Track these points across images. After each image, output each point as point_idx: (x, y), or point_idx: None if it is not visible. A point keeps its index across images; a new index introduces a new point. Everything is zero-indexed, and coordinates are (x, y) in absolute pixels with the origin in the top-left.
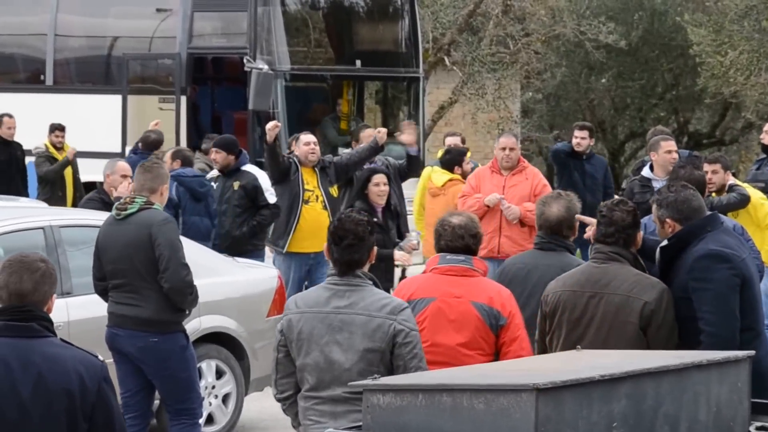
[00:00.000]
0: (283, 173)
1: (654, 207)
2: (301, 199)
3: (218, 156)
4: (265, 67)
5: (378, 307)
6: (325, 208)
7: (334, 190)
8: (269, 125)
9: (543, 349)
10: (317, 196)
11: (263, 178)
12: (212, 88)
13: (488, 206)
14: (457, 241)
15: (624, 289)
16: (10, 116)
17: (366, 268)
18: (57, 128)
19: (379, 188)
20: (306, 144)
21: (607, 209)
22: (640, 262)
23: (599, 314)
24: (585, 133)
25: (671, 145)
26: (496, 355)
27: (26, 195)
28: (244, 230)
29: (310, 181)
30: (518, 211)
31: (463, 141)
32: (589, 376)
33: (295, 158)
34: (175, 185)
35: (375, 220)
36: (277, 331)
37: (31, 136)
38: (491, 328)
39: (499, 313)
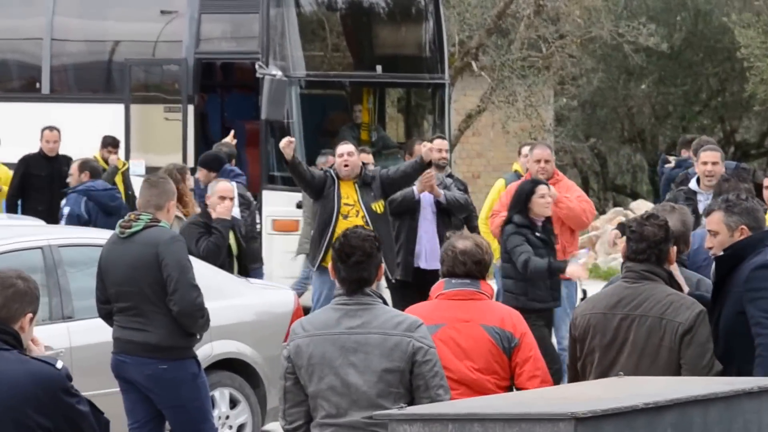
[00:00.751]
0: (316, 189)
1: (720, 214)
2: (336, 213)
3: (200, 174)
4: (279, 73)
5: (393, 325)
6: (366, 224)
7: (378, 206)
8: (283, 142)
9: (574, 376)
10: (357, 211)
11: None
12: (222, 96)
13: None
14: (459, 267)
15: (657, 310)
16: (52, 129)
17: (374, 286)
18: (110, 143)
19: (544, 200)
20: (339, 155)
21: (638, 224)
22: (675, 281)
23: (631, 338)
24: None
25: (707, 155)
26: (512, 379)
27: None
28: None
29: (349, 195)
30: (555, 193)
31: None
32: (632, 404)
33: (332, 171)
34: (84, 200)
35: (537, 234)
36: (284, 357)
37: (25, 149)
38: (504, 351)
39: (511, 335)
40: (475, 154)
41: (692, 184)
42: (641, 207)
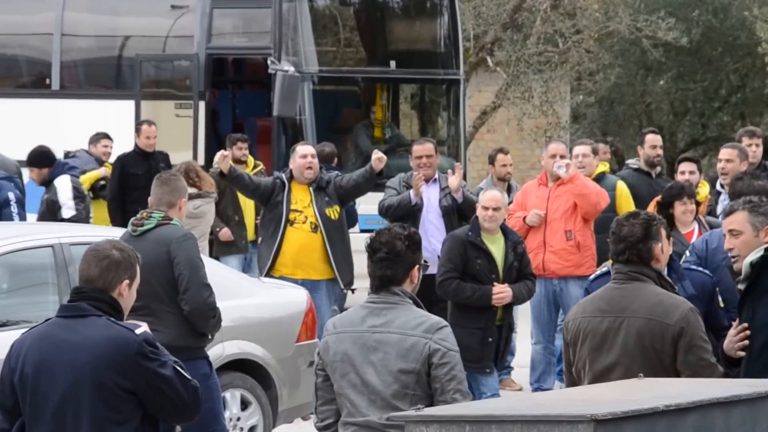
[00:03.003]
0: (262, 197)
1: (744, 214)
2: (285, 221)
3: (32, 173)
4: (291, 68)
5: (413, 326)
6: (315, 230)
7: (332, 212)
8: (217, 157)
9: (571, 381)
10: (306, 217)
11: (63, 191)
12: (233, 92)
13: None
14: None
15: (645, 311)
16: (150, 124)
17: (411, 289)
18: (239, 140)
19: (685, 206)
20: (303, 156)
21: (617, 224)
22: (666, 280)
23: (620, 340)
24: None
25: (723, 153)
26: None
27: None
28: None
29: (301, 200)
30: (539, 216)
31: (595, 151)
32: (653, 406)
33: (284, 175)
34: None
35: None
36: (316, 354)
37: (35, 145)
38: None
39: None
40: (490, 151)
41: (718, 185)
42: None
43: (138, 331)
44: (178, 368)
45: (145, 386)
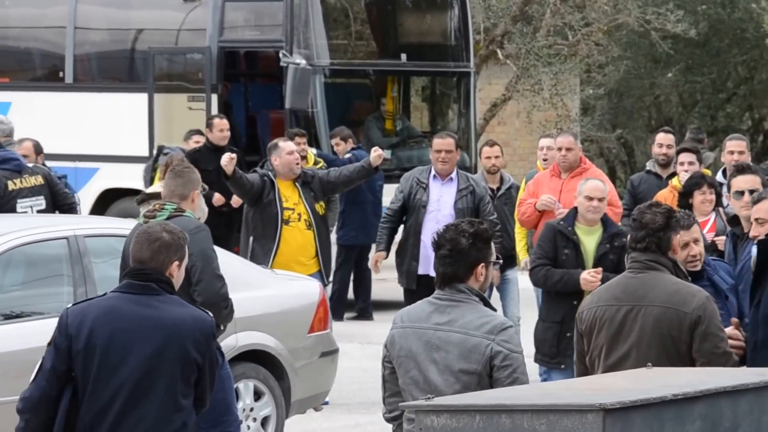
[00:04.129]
0: (253, 197)
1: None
2: (280, 220)
3: None
4: (303, 62)
5: (477, 326)
6: (309, 227)
7: (320, 207)
8: (224, 160)
9: (583, 370)
10: (299, 214)
11: None
12: (245, 85)
13: (540, 211)
14: None
15: (662, 300)
16: (222, 117)
17: (478, 287)
18: (297, 134)
19: (704, 196)
20: (290, 153)
21: (639, 212)
22: (681, 270)
23: (637, 328)
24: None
25: (732, 145)
26: None
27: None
28: None
29: (290, 197)
30: None
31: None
32: (661, 395)
33: (269, 173)
34: None
35: None
36: (383, 346)
37: (49, 140)
38: None
39: None
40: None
41: (719, 176)
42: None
43: (210, 314)
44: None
45: (207, 366)
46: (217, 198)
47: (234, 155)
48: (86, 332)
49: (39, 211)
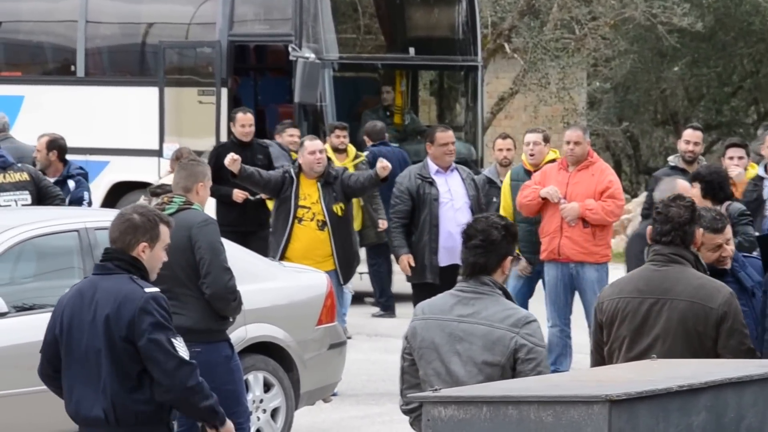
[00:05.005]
0: (273, 190)
1: None
2: (293, 218)
3: None
4: (312, 55)
5: (501, 318)
6: (322, 228)
7: (338, 208)
8: (227, 161)
9: (599, 361)
10: (314, 214)
11: None
12: (255, 78)
13: (543, 198)
14: None
15: (688, 294)
16: (246, 111)
17: (502, 280)
18: (337, 127)
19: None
20: (311, 153)
21: (663, 205)
22: (702, 264)
23: (662, 322)
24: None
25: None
26: None
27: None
28: None
29: (309, 195)
30: (576, 210)
31: (546, 139)
32: (666, 386)
33: (294, 169)
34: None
35: None
36: (403, 337)
37: (60, 133)
38: None
39: None
40: None
41: (760, 170)
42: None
43: (148, 289)
44: (173, 340)
45: (143, 343)
46: (237, 194)
47: (237, 156)
48: (59, 316)
49: (24, 206)
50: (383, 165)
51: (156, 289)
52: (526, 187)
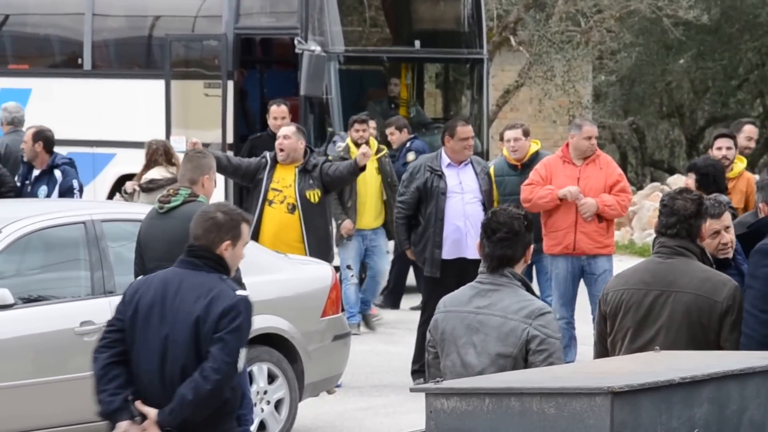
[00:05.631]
0: (245, 177)
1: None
2: (263, 200)
3: None
4: (318, 48)
5: (515, 310)
6: (292, 211)
7: (313, 195)
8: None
9: (602, 352)
10: (285, 197)
11: None
12: (261, 71)
13: (561, 199)
14: None
15: (693, 286)
16: (279, 104)
17: (522, 270)
18: (356, 120)
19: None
20: (278, 137)
21: (669, 198)
22: (708, 258)
23: (666, 314)
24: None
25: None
26: None
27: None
28: None
29: (284, 179)
30: (595, 206)
31: (526, 133)
32: (669, 378)
33: (270, 154)
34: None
35: None
36: (428, 331)
37: (66, 125)
38: None
39: None
40: None
41: None
42: (678, 182)
43: (239, 292)
44: (241, 349)
45: (218, 336)
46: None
47: (196, 140)
48: (137, 299)
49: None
50: (364, 151)
51: (247, 293)
52: (534, 185)
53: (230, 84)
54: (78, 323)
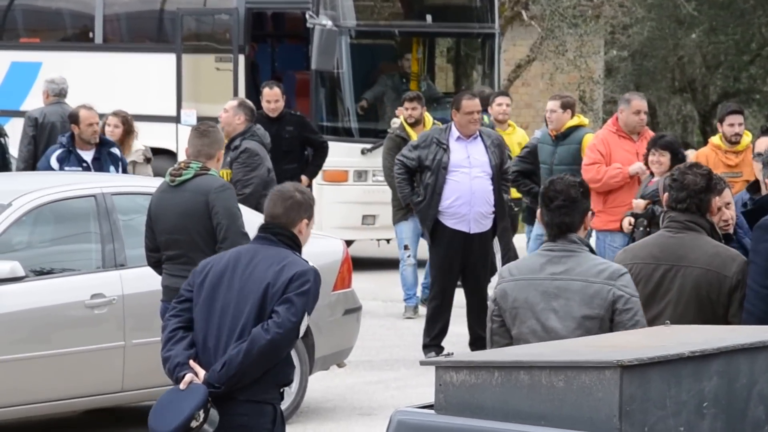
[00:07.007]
0: None
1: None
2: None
3: None
4: (329, 23)
5: (595, 273)
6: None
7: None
8: None
9: None
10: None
11: None
12: (272, 46)
13: (632, 176)
14: None
15: (703, 261)
16: (272, 86)
17: (582, 234)
18: (408, 98)
19: (654, 157)
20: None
21: (679, 173)
22: (717, 233)
23: (675, 288)
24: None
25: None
26: None
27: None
28: None
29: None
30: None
31: (565, 106)
32: (678, 352)
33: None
34: None
35: None
36: (491, 300)
37: (78, 99)
38: None
39: None
40: (524, 104)
41: None
42: (691, 157)
43: (311, 263)
44: (306, 314)
45: (286, 296)
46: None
47: None
48: (208, 269)
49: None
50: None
51: (316, 267)
52: (599, 164)
53: (241, 58)
54: (89, 296)
